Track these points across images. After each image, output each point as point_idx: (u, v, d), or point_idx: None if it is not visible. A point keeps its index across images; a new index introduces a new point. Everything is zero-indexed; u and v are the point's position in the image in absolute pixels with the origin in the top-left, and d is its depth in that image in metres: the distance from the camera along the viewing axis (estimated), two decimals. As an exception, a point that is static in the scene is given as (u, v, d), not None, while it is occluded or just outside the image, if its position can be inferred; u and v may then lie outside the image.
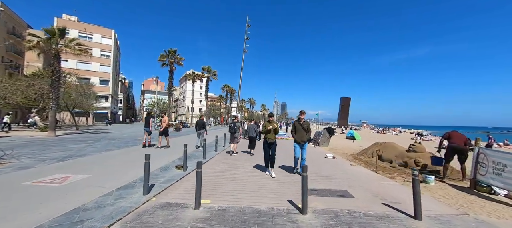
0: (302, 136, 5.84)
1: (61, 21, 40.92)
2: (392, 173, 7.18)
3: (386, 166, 8.39)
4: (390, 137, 31.16)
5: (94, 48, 42.59)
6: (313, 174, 6.09)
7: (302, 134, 5.84)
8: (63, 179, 4.92)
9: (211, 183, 4.91)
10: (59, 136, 14.99)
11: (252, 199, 4.02)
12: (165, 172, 5.80)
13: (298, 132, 5.87)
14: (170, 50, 32.68)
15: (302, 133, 5.84)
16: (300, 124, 5.87)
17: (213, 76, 46.81)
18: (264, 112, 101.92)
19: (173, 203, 3.73)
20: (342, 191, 4.64)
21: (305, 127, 5.84)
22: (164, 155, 8.36)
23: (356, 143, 19.00)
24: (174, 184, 4.82)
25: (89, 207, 3.43)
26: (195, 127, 11.26)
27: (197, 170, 3.57)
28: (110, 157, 7.91)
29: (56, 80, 14.62)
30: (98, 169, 6.04)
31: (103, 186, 4.52)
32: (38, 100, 18.54)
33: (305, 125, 5.89)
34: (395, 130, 56.76)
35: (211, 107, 59.49)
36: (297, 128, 5.88)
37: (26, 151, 8.54)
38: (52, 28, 14.04)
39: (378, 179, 5.80)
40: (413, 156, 8.18)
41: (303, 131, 5.82)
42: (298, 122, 5.93)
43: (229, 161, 7.75)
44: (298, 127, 5.86)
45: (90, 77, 40.69)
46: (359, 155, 10.57)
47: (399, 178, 6.50)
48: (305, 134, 5.84)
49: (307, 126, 5.91)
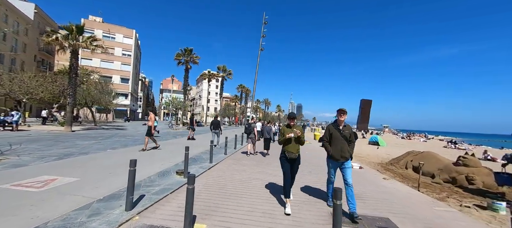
0: (342, 149, 3.64)
1: (87, 22, 43.16)
2: (440, 192, 5.76)
3: (427, 181, 6.93)
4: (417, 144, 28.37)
5: (116, 47, 44.41)
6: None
7: (341, 145, 3.65)
8: (46, 182, 4.30)
9: (212, 197, 3.99)
10: (75, 131, 15.17)
11: (262, 226, 3.02)
12: (162, 179, 5.00)
13: (335, 142, 3.72)
14: (186, 48, 32.74)
15: (341, 144, 3.66)
16: (338, 129, 3.75)
17: (229, 76, 46.50)
18: (279, 113, 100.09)
19: (157, 226, 2.85)
20: (383, 221, 3.45)
21: (346, 135, 3.69)
22: (168, 157, 7.66)
23: (381, 150, 17.17)
24: (168, 196, 3.96)
25: (50, 227, 2.66)
26: (210, 127, 11.30)
27: (188, 186, 2.65)
28: (112, 156, 7.37)
29: (73, 76, 14.79)
30: (92, 170, 5.42)
31: (86, 194, 3.80)
32: (59, 96, 19.16)
33: (346, 131, 3.71)
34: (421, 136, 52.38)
35: (226, 107, 59.46)
36: (334, 135, 3.76)
37: (33, 146, 8.32)
38: (70, 25, 14.20)
39: (427, 202, 4.49)
40: (463, 171, 6.63)
41: (344, 140, 3.68)
42: (335, 127, 3.80)
43: (239, 166, 6.81)
44: (335, 134, 3.75)
45: (112, 76, 42.43)
46: (390, 166, 9.10)
47: (451, 200, 5.11)
48: (346, 146, 3.66)
49: (350, 134, 3.75)
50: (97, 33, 40.72)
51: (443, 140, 52.83)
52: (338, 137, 3.70)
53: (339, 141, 3.68)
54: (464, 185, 6.28)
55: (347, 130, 3.76)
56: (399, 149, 17.18)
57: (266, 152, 9.47)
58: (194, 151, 9.37)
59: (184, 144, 11.36)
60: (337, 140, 3.71)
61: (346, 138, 3.70)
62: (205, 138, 14.80)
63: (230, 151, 9.41)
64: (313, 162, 8.10)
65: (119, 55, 44.75)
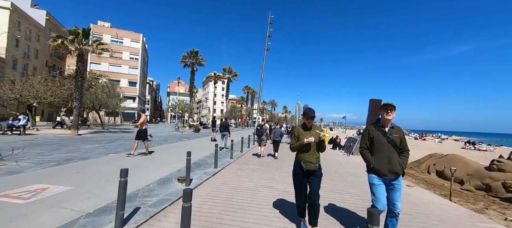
0: (390, 160, 2.53)
1: (96, 27, 44.13)
2: (474, 202, 5.06)
3: (455, 188, 6.18)
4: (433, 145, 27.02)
5: (124, 51, 45.08)
6: (357, 198, 4.35)
7: (390, 155, 2.55)
8: (36, 192, 3.94)
9: (215, 211, 3.50)
10: (81, 135, 15.12)
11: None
12: (162, 187, 4.56)
13: (379, 150, 2.60)
14: (192, 50, 32.72)
15: (390, 154, 2.55)
16: (384, 132, 2.63)
17: (234, 77, 46.27)
18: (285, 114, 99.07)
19: (149, 251, 2.38)
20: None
21: (395, 140, 2.58)
22: (171, 161, 7.24)
23: (395, 152, 16.24)
24: (166, 208, 3.50)
25: (22, 252, 2.24)
26: (219, 129, 11.35)
27: (183, 203, 2.18)
28: (112, 161, 7.02)
29: (80, 79, 14.77)
30: (88, 177, 5.05)
31: (75, 206, 3.40)
32: (67, 100, 19.33)
33: (395, 135, 2.61)
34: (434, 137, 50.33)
35: (232, 109, 59.25)
36: (377, 140, 2.63)
37: (35, 151, 8.13)
38: (76, 29, 14.20)
39: (465, 216, 3.83)
40: (499, 177, 5.87)
41: (392, 148, 2.57)
42: (378, 128, 2.67)
43: (246, 172, 6.31)
44: (379, 139, 2.62)
45: (120, 79, 43.04)
46: (410, 170, 8.35)
47: (492, 212, 4.41)
48: (396, 157, 2.56)
49: (401, 139, 2.63)
50: (105, 38, 41.53)
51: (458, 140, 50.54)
52: (384, 143, 2.57)
53: (386, 149, 2.56)
54: (501, 193, 5.54)
55: (396, 133, 2.60)
56: (415, 151, 16.20)
57: (276, 154, 9.36)
58: (200, 154, 8.97)
59: (189, 147, 11.04)
60: (382, 147, 2.57)
61: (395, 145, 2.56)
62: (206, 141, 14.42)
63: (237, 155, 8.94)
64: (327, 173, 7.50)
65: (127, 59, 45.38)
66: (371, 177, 2.65)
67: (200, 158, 8.00)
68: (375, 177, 2.60)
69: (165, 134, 19.92)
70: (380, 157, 2.57)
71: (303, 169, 2.81)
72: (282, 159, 8.90)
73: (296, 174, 2.91)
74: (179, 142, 13.49)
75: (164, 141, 13.81)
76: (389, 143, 2.57)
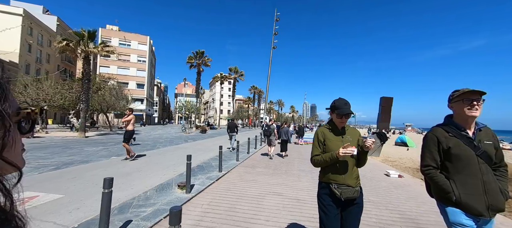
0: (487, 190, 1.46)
1: (105, 31, 45.04)
2: (520, 212, 4.33)
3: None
4: None
5: (132, 54, 45.70)
6: (383, 208, 3.76)
7: (484, 178, 1.47)
8: (23, 202, 3.58)
9: (216, 225, 3.02)
10: (89, 137, 15.13)
11: None
12: (160, 194, 4.14)
13: (465, 169, 1.50)
14: (198, 51, 32.61)
15: (484, 176, 1.47)
16: (468, 138, 1.54)
17: (240, 77, 45.96)
18: (293, 114, 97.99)
19: None
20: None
21: (488, 151, 1.50)
22: (173, 164, 6.86)
23: (412, 152, 15.33)
24: (160, 223, 3.06)
25: None
26: (227, 130, 11.38)
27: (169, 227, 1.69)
28: (113, 165, 6.72)
29: (86, 81, 14.78)
30: (83, 184, 4.71)
31: (60, 219, 3.02)
32: (75, 102, 19.52)
33: (486, 142, 1.52)
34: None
35: (239, 109, 58.99)
36: (458, 153, 1.52)
37: (38, 154, 7.98)
38: (82, 31, 14.20)
39: (518, 232, 3.17)
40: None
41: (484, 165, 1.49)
42: (456, 132, 1.57)
43: (253, 176, 5.81)
44: (462, 152, 1.51)
45: (128, 82, 43.64)
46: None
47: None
48: (493, 178, 1.49)
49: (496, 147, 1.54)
50: (113, 41, 42.18)
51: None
52: (470, 157, 1.50)
53: (476, 168, 1.49)
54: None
55: (487, 138, 1.55)
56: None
57: (284, 154, 9.24)
58: (204, 156, 8.59)
59: (194, 149, 10.70)
60: (470, 165, 1.50)
61: (489, 160, 1.50)
62: (219, 141, 14.06)
63: (243, 157, 8.47)
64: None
65: (135, 62, 45.99)
66: (454, 213, 1.52)
67: (204, 161, 7.59)
68: (464, 215, 1.49)
69: (171, 135, 19.77)
70: (469, 184, 1.48)
71: (340, 198, 1.72)
72: (290, 160, 8.38)
73: (325, 205, 1.79)
74: (185, 144, 13.20)
75: (169, 142, 13.56)
76: (480, 157, 1.49)
